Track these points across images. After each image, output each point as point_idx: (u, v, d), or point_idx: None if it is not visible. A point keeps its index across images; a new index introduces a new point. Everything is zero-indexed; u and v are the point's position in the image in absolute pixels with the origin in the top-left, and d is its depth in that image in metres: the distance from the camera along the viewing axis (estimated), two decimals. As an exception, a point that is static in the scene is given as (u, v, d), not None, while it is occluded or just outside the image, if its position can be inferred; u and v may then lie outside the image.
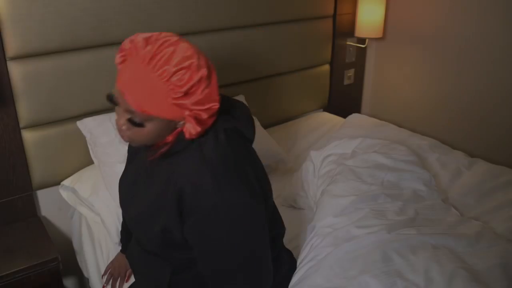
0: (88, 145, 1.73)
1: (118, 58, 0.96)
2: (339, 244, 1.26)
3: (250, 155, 1.08)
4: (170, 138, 1.00)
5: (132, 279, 1.43)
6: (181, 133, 0.99)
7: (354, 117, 2.28)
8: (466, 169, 1.79)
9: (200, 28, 1.94)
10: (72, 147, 1.78)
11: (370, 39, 2.57)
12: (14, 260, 1.55)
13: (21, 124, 1.67)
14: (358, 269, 1.19)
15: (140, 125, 0.94)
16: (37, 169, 1.74)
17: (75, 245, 1.86)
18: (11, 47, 1.55)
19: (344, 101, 2.68)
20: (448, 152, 1.93)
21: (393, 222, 1.33)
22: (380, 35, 2.45)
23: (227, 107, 1.08)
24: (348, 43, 2.55)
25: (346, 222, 1.35)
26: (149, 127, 0.95)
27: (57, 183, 1.80)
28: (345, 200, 1.42)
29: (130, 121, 0.95)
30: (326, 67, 2.52)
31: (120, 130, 0.99)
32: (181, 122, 0.97)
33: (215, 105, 0.95)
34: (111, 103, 0.97)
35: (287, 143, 2.20)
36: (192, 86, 0.90)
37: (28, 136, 1.69)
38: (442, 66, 2.36)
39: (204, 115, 0.94)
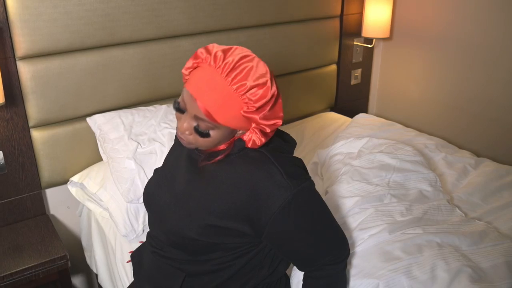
0: (97, 141, 1.75)
1: (189, 64, 0.99)
2: None
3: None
4: (226, 145, 1.04)
5: None
6: (237, 140, 1.04)
7: (361, 116, 2.28)
8: (472, 168, 1.79)
9: (207, 28, 1.95)
10: (80, 147, 1.80)
11: (377, 39, 2.56)
12: (23, 258, 1.56)
13: (30, 124, 1.68)
14: (363, 272, 1.19)
15: (206, 135, 0.98)
16: (46, 168, 1.75)
17: (84, 242, 1.88)
18: (21, 47, 1.57)
19: (351, 101, 2.67)
20: (454, 152, 1.92)
21: (399, 222, 1.33)
22: (387, 35, 2.45)
23: (279, 132, 1.15)
24: (355, 43, 2.55)
25: (351, 223, 1.35)
26: (213, 135, 0.98)
27: (65, 182, 1.82)
28: (350, 200, 1.42)
29: (196, 129, 0.98)
30: (333, 67, 2.52)
31: (181, 134, 1.01)
32: (240, 132, 1.02)
33: (279, 122, 1.00)
34: (177, 111, 1.01)
35: (294, 143, 2.19)
36: (264, 103, 0.95)
37: (37, 135, 1.70)
38: (449, 66, 2.35)
39: (268, 130, 0.99)
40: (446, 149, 1.92)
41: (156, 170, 1.26)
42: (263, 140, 1.01)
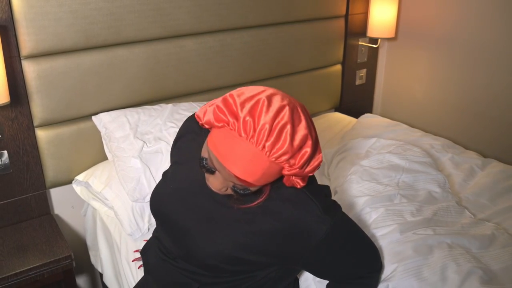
0: (103, 140, 1.74)
1: (208, 120, 0.86)
2: None
3: None
4: (264, 188, 0.97)
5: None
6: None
7: (366, 117, 2.27)
8: (479, 169, 1.77)
9: (212, 27, 1.95)
10: (85, 146, 1.79)
11: (382, 39, 2.55)
12: (27, 258, 1.56)
13: (35, 123, 1.68)
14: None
15: (246, 194, 0.91)
16: (50, 168, 1.75)
17: (89, 241, 1.87)
18: (26, 46, 1.56)
19: (355, 101, 2.66)
20: (461, 152, 1.91)
21: (409, 222, 1.33)
22: (392, 35, 2.43)
23: None
24: (360, 43, 2.54)
25: (364, 223, 1.35)
26: (253, 189, 0.92)
27: (70, 181, 1.81)
28: (360, 200, 1.42)
29: (235, 190, 0.91)
30: (338, 67, 2.51)
31: (215, 190, 0.93)
32: None
33: (319, 159, 0.90)
34: (207, 171, 0.91)
35: (299, 143, 2.18)
36: (307, 160, 0.86)
37: (41, 134, 1.70)
38: (454, 66, 2.34)
39: (312, 173, 0.90)
40: (452, 150, 1.91)
41: (165, 174, 1.18)
42: (303, 183, 0.92)
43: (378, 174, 1.54)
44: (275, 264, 1.04)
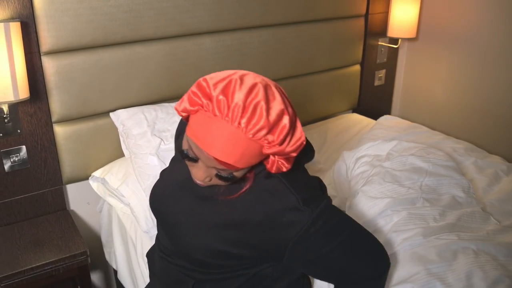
0: (120, 137, 1.74)
1: (185, 108, 0.87)
2: None
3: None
4: (248, 175, 0.96)
5: None
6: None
7: (385, 118, 2.23)
8: (504, 174, 1.72)
9: (231, 25, 1.93)
10: (102, 143, 1.79)
11: (403, 39, 2.51)
12: (43, 253, 1.56)
13: (53, 119, 1.69)
14: (395, 276, 1.15)
15: (229, 179, 0.90)
16: (67, 164, 1.75)
17: (104, 238, 1.87)
18: (46, 42, 1.57)
19: (374, 102, 2.63)
20: (484, 157, 1.86)
21: (432, 227, 1.30)
22: (413, 35, 2.39)
23: None
24: (380, 43, 2.50)
25: (384, 225, 1.32)
26: (237, 174, 0.91)
27: (86, 177, 1.81)
28: (382, 202, 1.39)
29: (218, 176, 0.90)
30: (357, 67, 2.48)
31: (199, 181, 0.93)
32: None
33: (301, 139, 0.88)
34: (188, 160, 0.90)
35: (317, 144, 2.16)
36: (286, 135, 0.85)
37: (59, 130, 1.71)
38: (477, 68, 2.29)
39: (295, 154, 0.89)
40: (475, 154, 1.86)
41: (163, 173, 1.19)
42: (289, 165, 0.91)
43: (400, 176, 1.51)
44: (261, 258, 1.01)
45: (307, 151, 1.06)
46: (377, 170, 1.54)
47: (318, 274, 1.06)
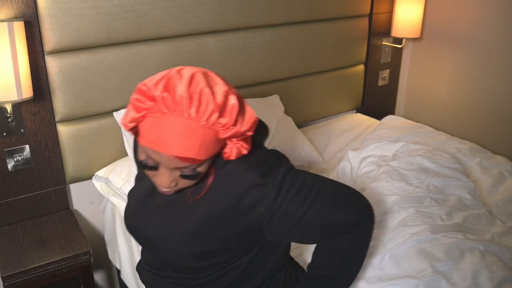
0: (123, 136, 1.74)
1: (132, 118, 0.85)
2: (384, 244, 1.22)
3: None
4: (210, 170, 0.95)
5: None
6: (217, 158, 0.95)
7: (389, 118, 2.22)
8: (509, 174, 1.71)
9: (234, 25, 1.93)
10: (106, 142, 1.79)
11: (407, 39, 2.50)
12: (46, 252, 1.56)
13: (57, 118, 1.69)
14: (402, 271, 1.15)
15: (195, 176, 0.90)
16: (71, 163, 1.75)
17: (107, 237, 1.87)
18: (49, 41, 1.57)
19: (378, 102, 2.62)
20: (489, 157, 1.85)
21: (440, 225, 1.30)
22: (417, 35, 2.38)
23: None
24: (384, 43, 2.49)
25: (391, 221, 1.32)
26: (201, 169, 0.90)
27: (90, 177, 1.81)
28: (389, 198, 1.40)
29: (183, 176, 0.89)
30: (361, 67, 2.47)
31: (166, 188, 0.91)
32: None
33: (253, 117, 0.89)
34: (149, 170, 0.89)
35: (320, 144, 2.16)
36: (237, 115, 0.85)
37: (63, 130, 1.71)
38: (481, 68, 2.28)
39: (250, 132, 0.89)
40: (480, 154, 1.85)
41: (130, 193, 1.16)
42: (248, 146, 0.91)
43: (408, 175, 1.52)
44: (247, 243, 1.00)
45: (260, 130, 1.05)
46: (385, 169, 1.55)
47: (303, 238, 1.03)
